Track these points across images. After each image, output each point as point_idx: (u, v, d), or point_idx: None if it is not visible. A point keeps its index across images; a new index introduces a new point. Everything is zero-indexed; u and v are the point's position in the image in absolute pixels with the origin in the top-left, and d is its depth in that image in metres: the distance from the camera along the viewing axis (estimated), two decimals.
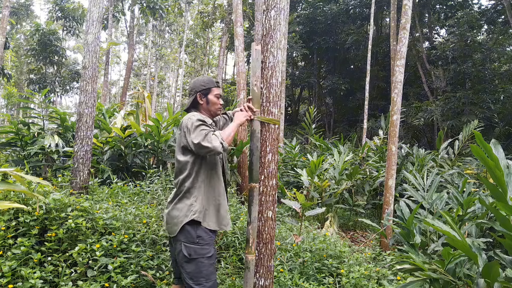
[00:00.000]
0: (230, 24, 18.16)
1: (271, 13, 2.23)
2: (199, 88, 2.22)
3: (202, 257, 1.99)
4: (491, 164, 1.85)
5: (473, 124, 7.50)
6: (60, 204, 2.87)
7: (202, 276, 1.98)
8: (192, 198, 2.03)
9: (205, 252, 2.00)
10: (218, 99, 2.24)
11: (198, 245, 1.99)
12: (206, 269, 1.99)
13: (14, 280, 2.35)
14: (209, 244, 2.03)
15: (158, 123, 5.16)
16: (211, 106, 2.23)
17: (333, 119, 19.90)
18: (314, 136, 10.09)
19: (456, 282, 2.19)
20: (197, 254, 1.98)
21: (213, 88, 2.23)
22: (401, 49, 5.41)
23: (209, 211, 2.06)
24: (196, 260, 1.98)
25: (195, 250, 1.98)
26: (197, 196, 2.04)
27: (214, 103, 2.23)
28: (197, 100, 2.23)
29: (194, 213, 2.01)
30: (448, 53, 13.28)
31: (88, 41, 4.35)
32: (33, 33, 17.60)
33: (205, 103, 2.23)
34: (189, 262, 1.98)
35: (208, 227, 2.04)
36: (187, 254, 1.97)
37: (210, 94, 2.22)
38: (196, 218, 2.00)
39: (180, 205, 2.04)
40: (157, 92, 32.76)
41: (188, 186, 2.04)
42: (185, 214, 2.01)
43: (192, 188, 2.04)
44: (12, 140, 5.27)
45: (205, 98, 2.22)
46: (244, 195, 5.62)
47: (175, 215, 2.04)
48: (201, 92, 2.22)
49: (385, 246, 4.80)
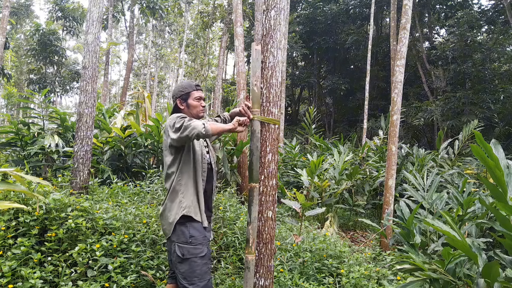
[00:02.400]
0: (230, 24, 18.14)
1: (271, 13, 2.23)
2: (178, 94, 2.25)
3: (195, 257, 2.00)
4: (491, 164, 1.85)
5: (473, 124, 7.49)
6: (60, 204, 2.87)
7: (196, 275, 1.99)
8: (180, 195, 2.06)
9: (198, 252, 2.02)
10: (198, 101, 2.26)
11: (191, 245, 2.01)
12: (199, 268, 2.00)
13: (14, 280, 2.35)
14: (202, 244, 2.05)
15: (158, 123, 5.16)
16: (192, 110, 2.25)
17: (333, 119, 19.90)
18: (314, 136, 10.09)
19: (456, 282, 2.19)
20: (190, 254, 1.99)
21: (192, 92, 2.25)
22: (401, 49, 5.41)
23: (198, 206, 2.09)
24: (189, 260, 1.99)
25: (188, 250, 2.00)
26: (184, 192, 2.06)
27: (195, 106, 2.25)
28: (178, 106, 2.26)
29: (184, 209, 2.03)
30: (448, 53, 13.28)
31: (88, 41, 4.36)
32: (33, 33, 17.60)
33: (185, 107, 2.25)
34: (182, 262, 2.00)
35: (199, 220, 2.06)
36: (180, 254, 1.99)
37: (190, 99, 2.24)
38: (187, 213, 2.02)
39: (171, 204, 2.07)
40: (157, 92, 32.77)
41: (175, 184, 2.07)
42: (176, 212, 2.04)
43: (179, 186, 2.07)
44: (12, 140, 5.27)
45: (185, 102, 2.24)
46: (244, 195, 5.62)
47: (167, 215, 2.07)
48: (181, 98, 2.25)
49: (385, 246, 4.80)
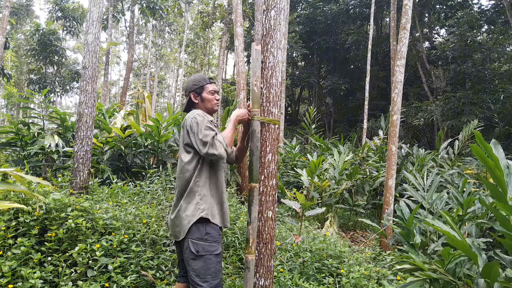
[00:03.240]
0: (230, 24, 18.14)
1: (271, 13, 2.23)
2: (192, 88, 2.22)
3: (210, 254, 1.97)
4: (491, 164, 1.85)
5: (473, 124, 7.49)
6: (60, 204, 2.86)
7: (209, 273, 1.96)
8: (197, 197, 2.02)
9: (213, 249, 1.99)
10: (213, 95, 2.24)
11: (207, 242, 1.98)
12: (214, 266, 1.98)
13: (14, 280, 2.35)
14: (217, 242, 2.02)
15: (158, 123, 5.16)
16: (207, 104, 2.23)
17: (333, 119, 19.89)
18: (314, 136, 10.09)
19: (456, 282, 2.19)
20: (205, 251, 1.97)
21: (206, 85, 2.23)
22: (401, 49, 5.41)
23: (215, 208, 2.06)
24: (204, 257, 1.96)
25: (203, 247, 1.97)
26: (202, 194, 2.03)
27: (209, 100, 2.23)
28: (192, 100, 2.24)
29: (202, 211, 1.99)
30: (448, 53, 13.28)
31: (88, 41, 4.35)
32: (33, 33, 17.61)
33: (200, 101, 2.23)
34: (196, 259, 1.96)
35: (217, 223, 2.04)
36: (194, 251, 1.96)
37: (204, 92, 2.22)
38: (205, 216, 1.99)
39: (186, 205, 2.02)
40: (157, 92, 32.76)
41: (192, 185, 2.03)
42: (192, 213, 1.99)
43: (197, 187, 2.03)
44: (12, 140, 5.27)
45: (199, 96, 2.22)
46: (244, 195, 5.61)
47: (182, 216, 2.01)
48: (195, 92, 2.22)
49: (385, 246, 4.80)
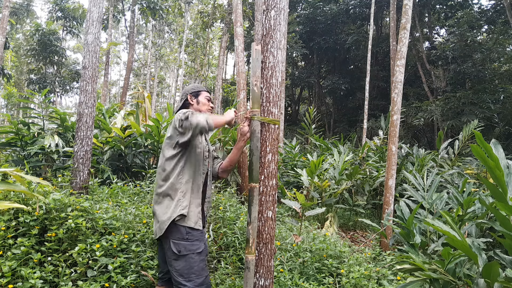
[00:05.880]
0: (230, 24, 18.13)
1: (271, 13, 2.23)
2: (190, 91, 2.34)
3: (193, 253, 1.98)
4: (491, 164, 1.85)
5: (473, 124, 7.49)
6: (60, 204, 2.86)
7: (193, 272, 1.96)
8: (179, 193, 2.02)
9: (195, 248, 1.99)
10: (208, 101, 2.34)
11: (188, 241, 1.98)
12: (197, 265, 1.98)
13: (14, 280, 2.35)
14: (199, 240, 2.02)
15: (158, 123, 5.16)
16: (201, 107, 2.31)
17: (333, 119, 19.89)
18: (314, 136, 10.09)
19: (456, 282, 2.19)
20: (187, 250, 1.97)
21: (203, 92, 2.36)
22: (401, 49, 5.41)
23: (193, 207, 2.05)
24: (186, 257, 1.96)
25: (185, 246, 1.97)
26: (184, 191, 2.03)
27: (204, 103, 2.32)
28: (188, 101, 2.32)
29: (183, 208, 2.00)
30: (448, 53, 13.28)
31: (88, 41, 4.36)
32: (33, 33, 17.63)
33: (195, 103, 2.32)
34: (178, 259, 1.96)
35: (188, 225, 2.00)
36: (176, 251, 1.96)
37: (200, 96, 2.33)
38: (185, 213, 1.99)
39: (168, 202, 2.02)
40: (157, 92, 32.78)
41: (174, 181, 2.03)
42: (173, 210, 1.99)
43: (179, 184, 2.03)
44: (12, 140, 5.27)
45: (196, 99, 2.32)
46: (244, 195, 5.61)
47: (163, 212, 2.01)
48: (192, 94, 2.33)
49: (385, 246, 4.80)
